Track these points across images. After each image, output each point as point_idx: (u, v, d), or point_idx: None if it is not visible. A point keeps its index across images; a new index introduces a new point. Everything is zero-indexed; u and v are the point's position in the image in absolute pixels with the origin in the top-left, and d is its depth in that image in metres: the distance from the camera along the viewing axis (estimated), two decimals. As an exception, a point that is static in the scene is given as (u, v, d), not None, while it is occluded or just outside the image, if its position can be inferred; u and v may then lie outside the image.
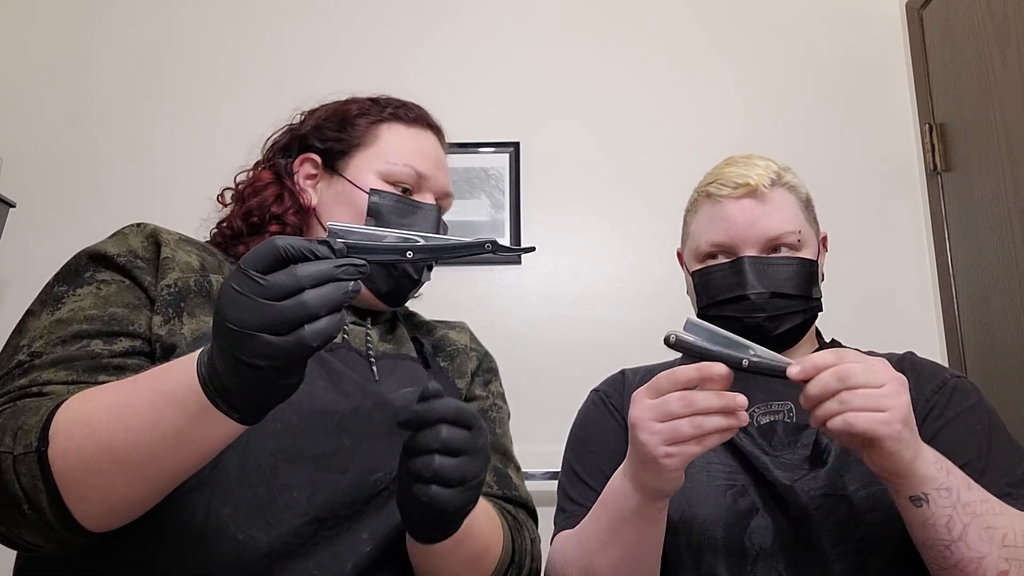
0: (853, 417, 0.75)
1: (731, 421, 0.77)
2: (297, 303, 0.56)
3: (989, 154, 1.59)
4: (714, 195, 1.05)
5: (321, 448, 0.78)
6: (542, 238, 1.81)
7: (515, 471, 0.97)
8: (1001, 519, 0.81)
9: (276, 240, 0.57)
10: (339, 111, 0.99)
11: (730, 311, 1.01)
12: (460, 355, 1.01)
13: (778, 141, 1.79)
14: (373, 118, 0.97)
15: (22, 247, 1.73)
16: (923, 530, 0.81)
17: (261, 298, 0.55)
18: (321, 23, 1.94)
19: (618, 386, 1.13)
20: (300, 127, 1.00)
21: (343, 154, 0.96)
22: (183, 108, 1.87)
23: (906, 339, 1.21)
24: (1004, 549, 0.80)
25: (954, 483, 0.81)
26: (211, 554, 0.72)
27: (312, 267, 0.57)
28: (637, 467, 0.82)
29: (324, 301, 0.56)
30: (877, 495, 0.89)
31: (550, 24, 1.94)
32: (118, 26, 1.94)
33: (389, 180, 0.93)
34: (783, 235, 1.01)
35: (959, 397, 0.97)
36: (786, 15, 1.95)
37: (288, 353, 0.56)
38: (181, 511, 0.72)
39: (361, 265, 0.59)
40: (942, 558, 0.81)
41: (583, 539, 0.92)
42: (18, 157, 1.82)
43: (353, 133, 0.96)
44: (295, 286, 0.56)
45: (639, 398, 0.81)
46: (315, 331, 0.56)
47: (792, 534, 0.90)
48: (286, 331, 0.55)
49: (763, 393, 1.01)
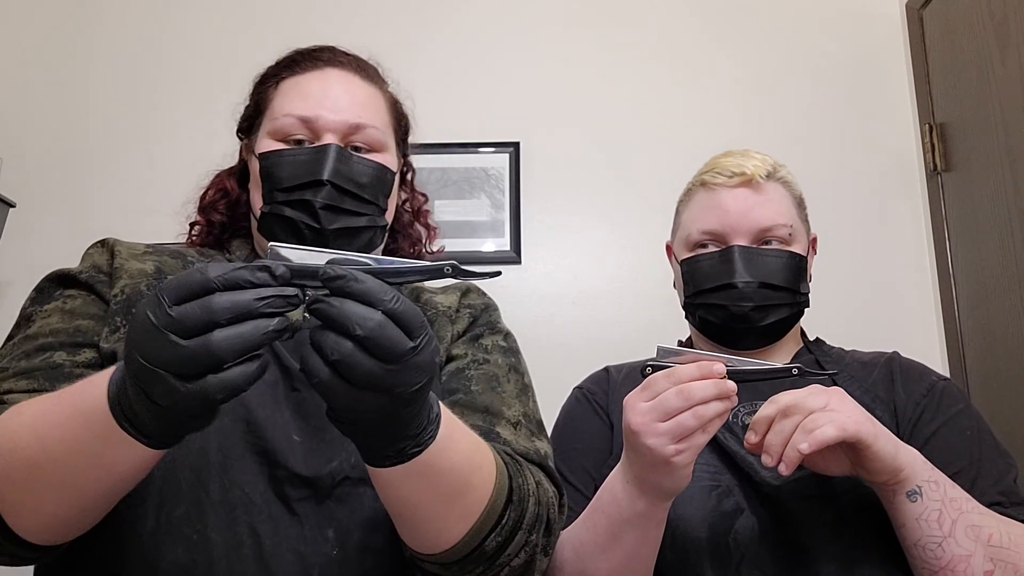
0: (820, 433, 0.77)
1: (727, 404, 0.78)
2: (201, 345, 0.49)
3: (989, 154, 1.59)
4: (709, 183, 1.05)
5: (270, 443, 0.75)
6: (542, 238, 1.81)
7: (510, 427, 0.84)
8: (986, 519, 0.82)
9: (209, 266, 0.51)
10: (253, 89, 0.97)
11: (717, 299, 1.01)
12: (439, 318, 0.93)
13: (778, 141, 1.79)
14: (272, 81, 0.93)
15: (22, 247, 1.73)
16: (916, 528, 0.81)
17: (170, 332, 0.49)
18: (321, 23, 1.94)
19: (602, 383, 1.12)
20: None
21: (252, 130, 0.94)
22: (183, 108, 1.87)
23: (906, 339, 1.21)
24: (990, 549, 0.80)
25: (939, 477, 0.83)
26: (165, 556, 0.71)
27: (227, 298, 0.50)
28: (644, 471, 0.81)
29: (233, 345, 0.49)
30: (865, 496, 0.89)
31: (550, 24, 1.94)
32: (118, 26, 1.94)
33: (278, 138, 0.88)
34: (775, 227, 1.01)
35: (948, 401, 0.97)
36: (786, 15, 1.94)
37: (191, 400, 0.50)
38: (134, 515, 0.71)
39: (292, 296, 0.52)
40: (934, 558, 0.81)
41: (576, 544, 0.90)
42: (18, 157, 1.81)
43: (259, 103, 0.93)
44: (206, 321, 0.49)
45: (633, 402, 0.79)
46: (220, 382, 0.50)
47: (778, 535, 0.89)
48: (191, 376, 0.49)
49: (748, 393, 1.00)
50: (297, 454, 0.76)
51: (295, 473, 0.75)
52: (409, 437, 0.60)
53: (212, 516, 0.72)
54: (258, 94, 0.95)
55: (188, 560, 0.70)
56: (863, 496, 0.89)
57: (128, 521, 0.71)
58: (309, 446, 0.77)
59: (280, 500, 0.74)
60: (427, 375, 0.56)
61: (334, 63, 0.92)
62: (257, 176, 0.88)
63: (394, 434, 0.60)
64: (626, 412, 0.80)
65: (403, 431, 0.60)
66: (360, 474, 0.77)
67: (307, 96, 0.88)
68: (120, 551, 0.71)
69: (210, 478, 0.73)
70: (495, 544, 0.71)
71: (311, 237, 0.85)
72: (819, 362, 1.04)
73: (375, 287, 0.53)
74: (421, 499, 0.66)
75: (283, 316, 0.52)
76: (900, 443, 0.82)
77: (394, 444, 0.60)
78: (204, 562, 0.71)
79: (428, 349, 0.55)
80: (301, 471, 0.75)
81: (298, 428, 0.77)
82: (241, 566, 0.71)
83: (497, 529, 0.71)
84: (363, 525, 0.76)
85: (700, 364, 0.78)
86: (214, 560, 0.71)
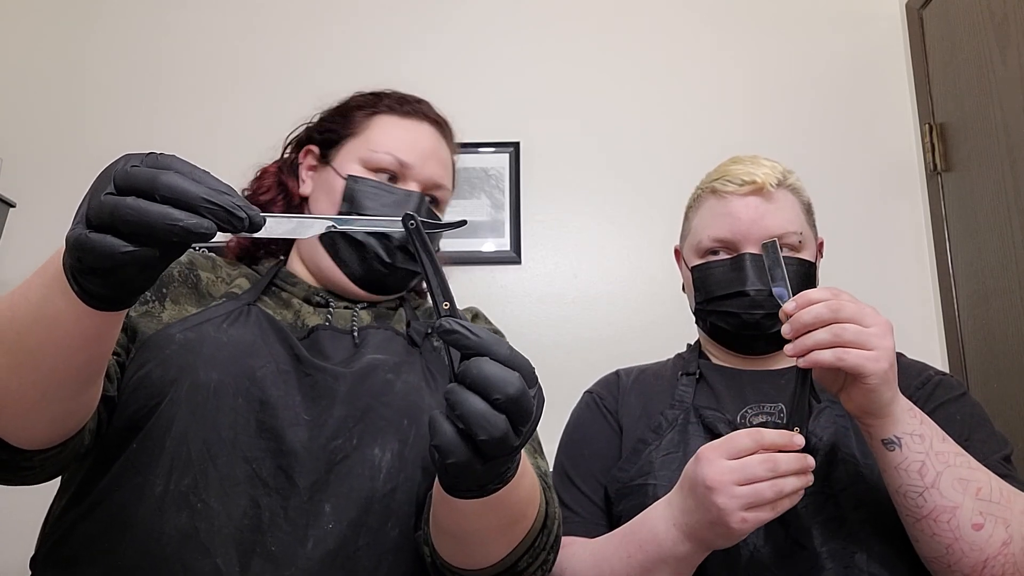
0: (844, 352, 0.78)
1: (805, 480, 0.78)
2: (118, 204, 0.48)
3: (989, 154, 1.59)
4: (719, 191, 1.05)
5: (280, 420, 0.79)
6: (542, 238, 1.81)
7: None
8: (977, 473, 0.82)
9: (207, 176, 0.51)
10: (342, 104, 1.03)
11: (728, 306, 1.02)
12: None
13: (778, 141, 1.79)
14: (369, 110, 1.00)
15: (22, 247, 1.73)
16: (896, 476, 0.82)
17: (113, 180, 0.50)
18: (319, 23, 1.94)
19: (612, 388, 1.12)
20: (312, 122, 1.05)
21: (335, 144, 0.99)
22: (183, 108, 1.87)
23: (906, 339, 1.21)
24: (979, 502, 0.80)
25: (927, 432, 0.83)
26: (169, 521, 0.73)
27: (180, 181, 0.49)
28: (699, 525, 0.81)
29: (129, 216, 0.48)
30: (863, 493, 0.90)
31: (551, 24, 1.94)
32: (118, 26, 1.94)
33: (370, 167, 0.95)
34: (786, 234, 1.02)
35: (942, 391, 0.98)
36: (786, 15, 1.94)
37: (86, 250, 0.49)
38: (142, 480, 0.74)
39: (241, 218, 0.50)
40: (916, 507, 0.81)
41: (600, 568, 0.90)
42: (18, 157, 1.82)
43: (348, 124, 0.99)
44: (146, 186, 0.49)
45: (713, 457, 0.79)
46: (102, 243, 0.49)
47: (782, 533, 0.90)
48: (96, 227, 0.50)
49: (756, 395, 1.01)
50: (303, 432, 0.79)
51: (300, 449, 0.78)
52: (496, 477, 0.62)
53: (217, 487, 0.75)
54: (346, 116, 1.00)
55: (191, 527, 0.73)
56: (861, 493, 0.90)
57: (136, 486, 0.74)
58: (316, 425, 0.80)
59: (283, 473, 0.77)
60: (536, 425, 0.58)
61: (430, 120, 1.01)
62: (335, 192, 0.94)
63: (486, 476, 0.61)
64: (702, 464, 0.79)
65: (491, 476, 0.61)
66: (361, 456, 0.81)
67: (407, 143, 0.96)
68: (126, 517, 0.73)
69: (220, 452, 0.76)
70: (525, 564, 0.75)
71: (379, 269, 0.93)
72: None
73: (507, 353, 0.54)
74: (483, 526, 0.70)
75: (205, 228, 0.49)
76: (899, 398, 0.82)
77: (480, 482, 0.62)
78: (206, 530, 0.73)
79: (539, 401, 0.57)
80: (306, 447, 0.79)
81: (307, 408, 0.81)
82: (240, 535, 0.74)
83: (531, 551, 0.75)
84: (359, 503, 0.79)
85: (783, 432, 0.80)
86: (215, 529, 0.73)
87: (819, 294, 0.82)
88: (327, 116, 1.02)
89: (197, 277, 0.89)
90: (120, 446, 0.76)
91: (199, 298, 0.87)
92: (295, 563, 0.75)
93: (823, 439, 0.93)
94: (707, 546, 0.83)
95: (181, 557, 0.72)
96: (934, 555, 0.82)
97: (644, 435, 1.01)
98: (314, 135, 1.02)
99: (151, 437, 0.75)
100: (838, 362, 0.78)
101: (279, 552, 0.75)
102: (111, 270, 0.51)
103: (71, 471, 0.80)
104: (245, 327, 0.84)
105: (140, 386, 0.77)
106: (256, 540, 0.74)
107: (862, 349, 0.78)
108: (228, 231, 0.51)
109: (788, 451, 0.78)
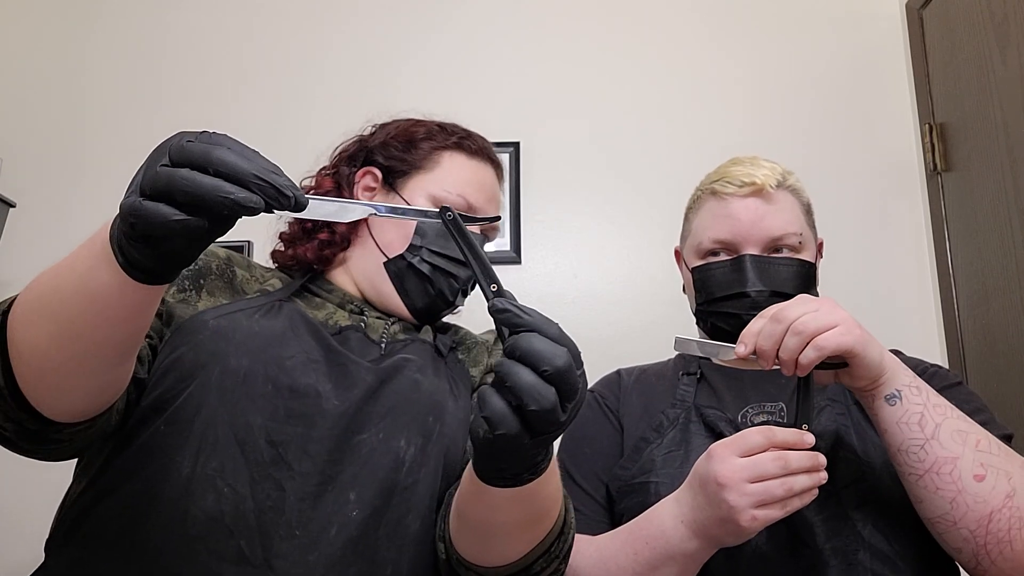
0: (821, 339, 0.80)
1: (815, 479, 0.78)
2: (173, 175, 0.51)
3: (989, 154, 1.59)
4: (719, 192, 1.05)
5: (311, 408, 0.81)
6: (542, 238, 1.81)
7: None
8: (973, 426, 0.83)
9: (257, 156, 0.53)
10: (407, 131, 1.03)
11: (729, 308, 1.02)
12: (478, 347, 1.03)
13: (778, 141, 1.79)
14: (437, 144, 1.02)
15: (22, 247, 1.73)
16: (897, 432, 0.82)
17: (168, 153, 0.52)
18: (319, 23, 1.94)
19: (613, 387, 1.13)
20: (369, 140, 1.05)
21: (403, 174, 1.00)
22: (183, 108, 1.87)
23: (906, 339, 1.21)
24: (979, 454, 0.80)
25: (923, 385, 0.84)
26: (196, 503, 0.74)
27: (232, 157, 0.52)
28: (709, 522, 0.81)
29: (186, 187, 0.50)
30: (865, 492, 0.90)
31: (550, 24, 1.94)
32: (118, 26, 1.94)
33: (438, 205, 0.95)
34: (786, 236, 1.02)
35: (938, 381, 0.98)
36: (786, 15, 1.95)
37: (141, 216, 0.51)
38: (169, 462, 0.75)
39: (288, 197, 0.53)
40: (917, 461, 0.81)
41: (606, 564, 0.90)
42: (18, 157, 1.82)
43: (416, 155, 1.01)
44: (201, 160, 0.51)
45: (725, 455, 0.79)
46: (160, 213, 0.51)
47: (785, 531, 0.90)
48: (151, 196, 0.52)
49: (757, 395, 1.02)
50: (330, 420, 0.81)
51: (327, 435, 0.80)
52: (533, 464, 0.62)
53: (243, 471, 0.76)
54: (413, 145, 1.01)
55: (216, 511, 0.74)
56: (864, 491, 0.90)
57: (162, 467, 0.75)
58: (344, 414, 0.82)
59: (310, 459, 0.79)
60: (580, 407, 0.59)
61: (492, 162, 1.06)
62: (406, 224, 0.96)
63: (522, 462, 0.61)
64: (714, 461, 0.80)
65: (531, 460, 0.61)
66: (386, 447, 0.82)
67: (475, 186, 1.01)
68: (151, 497, 0.74)
69: (247, 437, 0.77)
70: (539, 567, 0.76)
71: (439, 305, 0.97)
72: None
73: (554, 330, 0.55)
74: (510, 519, 0.71)
75: (254, 203, 0.52)
76: (885, 350, 0.84)
77: (515, 469, 0.62)
78: (231, 513, 0.74)
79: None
80: (333, 435, 0.80)
81: (336, 395, 0.83)
82: (264, 519, 0.75)
83: (546, 555, 0.76)
84: (381, 493, 0.80)
85: (794, 431, 0.80)
86: (240, 513, 0.75)
87: (754, 323, 0.85)
88: (392, 141, 1.02)
89: (233, 273, 0.92)
90: (147, 426, 0.77)
91: (233, 293, 0.90)
92: (318, 548, 0.76)
93: (824, 437, 0.93)
94: (715, 543, 0.83)
95: (205, 539, 0.73)
96: (939, 513, 0.81)
97: (645, 434, 1.01)
98: (377, 158, 1.02)
99: (179, 419, 0.77)
100: (821, 352, 0.80)
101: (303, 536, 0.76)
102: (161, 239, 0.53)
103: (91, 452, 0.80)
104: (276, 319, 0.86)
105: (171, 369, 0.78)
106: (280, 524, 0.76)
107: (828, 330, 0.80)
108: (274, 208, 0.53)
109: (799, 449, 0.79)
